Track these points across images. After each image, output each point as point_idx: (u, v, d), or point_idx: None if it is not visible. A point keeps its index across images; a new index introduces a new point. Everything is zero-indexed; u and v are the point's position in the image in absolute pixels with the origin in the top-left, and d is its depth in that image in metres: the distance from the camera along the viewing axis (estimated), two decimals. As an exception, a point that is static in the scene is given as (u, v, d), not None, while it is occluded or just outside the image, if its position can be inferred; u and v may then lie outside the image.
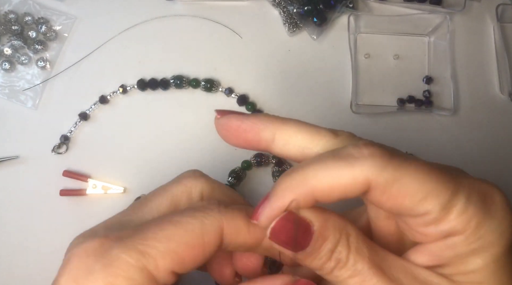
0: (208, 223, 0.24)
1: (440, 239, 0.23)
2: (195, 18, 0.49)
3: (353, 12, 0.49)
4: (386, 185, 0.22)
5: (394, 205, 0.22)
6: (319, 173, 0.22)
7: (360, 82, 0.48)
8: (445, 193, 0.22)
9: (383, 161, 0.22)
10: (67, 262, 0.24)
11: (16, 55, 0.47)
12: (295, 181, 0.23)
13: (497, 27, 0.49)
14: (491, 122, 0.48)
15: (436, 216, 0.22)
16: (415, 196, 0.22)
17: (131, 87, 0.47)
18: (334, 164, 0.22)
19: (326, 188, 0.22)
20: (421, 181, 0.22)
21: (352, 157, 0.22)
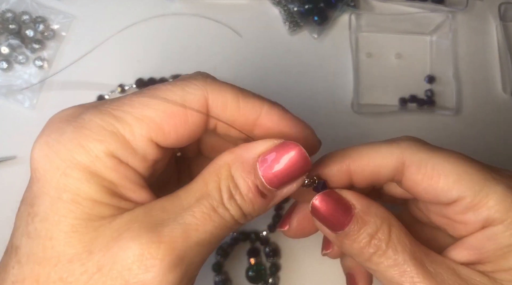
0: (190, 90, 0.23)
1: (479, 229, 0.23)
2: (194, 17, 0.49)
3: (355, 11, 0.48)
4: (420, 162, 0.23)
5: (429, 186, 0.23)
6: (358, 148, 0.25)
7: (362, 81, 0.48)
8: (479, 177, 0.23)
9: (418, 144, 0.24)
10: (42, 129, 0.24)
11: (14, 54, 0.47)
12: (333, 153, 0.26)
13: (500, 26, 0.48)
14: (494, 122, 0.48)
15: (472, 201, 0.23)
16: (449, 176, 0.23)
17: (129, 87, 0.47)
18: (374, 144, 0.25)
19: (363, 160, 0.24)
20: (455, 163, 0.23)
21: (392, 140, 0.25)
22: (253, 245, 0.44)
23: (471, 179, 0.23)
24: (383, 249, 0.23)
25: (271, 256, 0.43)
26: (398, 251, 0.23)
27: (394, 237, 0.23)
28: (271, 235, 0.45)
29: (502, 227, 0.22)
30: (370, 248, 0.23)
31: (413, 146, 0.24)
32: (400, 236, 0.24)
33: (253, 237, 0.44)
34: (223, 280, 0.43)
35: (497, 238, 0.22)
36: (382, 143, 0.25)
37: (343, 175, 0.25)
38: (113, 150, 0.21)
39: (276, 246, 0.44)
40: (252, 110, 0.24)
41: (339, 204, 0.24)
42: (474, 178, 0.23)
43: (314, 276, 0.44)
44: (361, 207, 0.24)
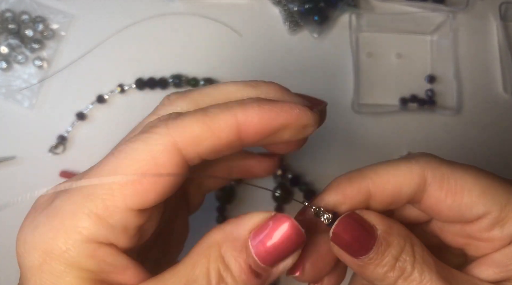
0: (155, 142, 0.20)
1: (505, 245, 0.22)
2: (194, 16, 0.48)
3: (355, 10, 0.48)
4: (442, 178, 0.22)
5: (453, 203, 0.22)
6: (377, 168, 0.23)
7: (362, 81, 0.48)
8: (503, 191, 0.22)
9: (437, 159, 0.23)
10: (22, 223, 0.23)
11: (13, 54, 0.47)
12: (351, 175, 0.24)
13: (501, 26, 0.48)
14: (495, 122, 0.48)
15: (498, 216, 0.22)
16: (473, 191, 0.22)
17: (129, 87, 0.46)
18: (391, 162, 0.24)
19: (383, 180, 0.23)
20: (476, 177, 0.22)
21: (410, 158, 0.24)
22: (253, 246, 0.44)
23: (496, 193, 0.22)
24: (408, 272, 0.22)
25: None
26: (425, 271, 0.22)
27: (419, 257, 0.22)
28: (271, 235, 0.45)
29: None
30: (395, 272, 0.22)
31: (432, 162, 0.23)
32: (424, 255, 0.22)
33: (253, 238, 0.44)
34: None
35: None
36: (399, 160, 0.24)
37: (362, 197, 0.23)
38: (88, 234, 0.20)
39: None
40: (227, 127, 0.21)
41: (361, 226, 0.22)
42: (498, 192, 0.22)
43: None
44: (383, 227, 0.22)
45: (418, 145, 0.47)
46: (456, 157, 0.47)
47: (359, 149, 0.47)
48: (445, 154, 0.47)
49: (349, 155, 0.46)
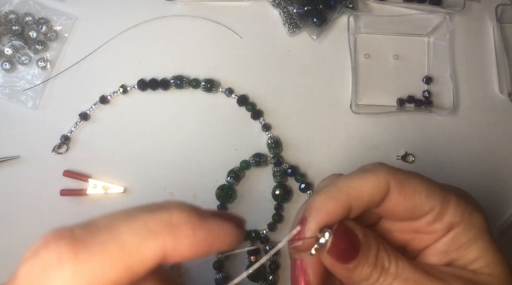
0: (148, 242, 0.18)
1: (444, 234, 0.27)
2: (195, 18, 0.49)
3: (353, 12, 0.49)
4: (401, 184, 0.26)
5: (408, 204, 0.26)
6: (349, 182, 0.26)
7: (360, 82, 0.48)
8: (440, 191, 0.26)
9: (393, 169, 0.27)
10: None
11: (17, 55, 0.47)
12: (330, 192, 0.26)
13: (497, 27, 0.49)
14: (491, 122, 0.48)
15: (438, 211, 0.26)
16: (422, 193, 0.26)
17: (131, 88, 0.47)
18: (359, 174, 0.26)
19: (359, 192, 0.25)
20: (422, 182, 0.26)
21: (370, 168, 0.27)
22: (254, 244, 0.45)
23: (436, 193, 0.26)
24: (386, 267, 0.25)
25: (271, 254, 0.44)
26: (398, 263, 0.25)
27: (391, 252, 0.26)
28: (271, 234, 0.45)
29: (461, 227, 0.26)
30: (378, 269, 0.25)
31: (391, 171, 0.26)
32: (393, 250, 0.26)
33: (253, 236, 0.45)
34: (224, 278, 0.43)
35: (459, 237, 0.26)
36: (364, 172, 0.26)
37: (346, 211, 0.26)
38: None
39: (276, 245, 0.45)
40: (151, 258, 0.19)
41: (349, 234, 0.25)
42: (437, 192, 0.26)
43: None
44: (362, 232, 0.25)
45: (415, 144, 0.47)
46: (452, 156, 0.47)
47: (357, 149, 0.47)
48: (441, 154, 0.48)
49: (348, 155, 0.47)
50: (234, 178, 0.45)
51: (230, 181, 0.45)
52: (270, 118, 0.47)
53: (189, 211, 0.20)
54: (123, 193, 0.45)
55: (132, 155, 0.46)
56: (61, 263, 0.17)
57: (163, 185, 0.46)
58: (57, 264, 0.17)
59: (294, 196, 0.46)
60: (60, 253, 0.17)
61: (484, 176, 0.47)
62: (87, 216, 0.50)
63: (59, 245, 0.18)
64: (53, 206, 0.45)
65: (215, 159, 0.46)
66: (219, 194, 0.45)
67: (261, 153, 0.46)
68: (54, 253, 0.17)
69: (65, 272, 0.17)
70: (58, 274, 0.17)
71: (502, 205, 0.47)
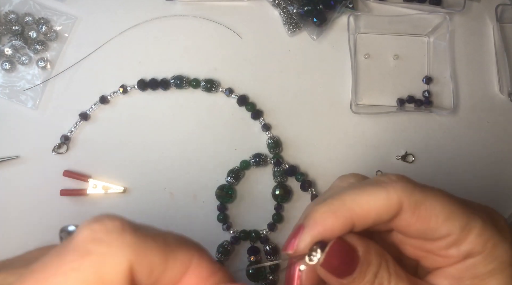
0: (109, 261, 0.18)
1: (460, 261, 0.24)
2: (195, 18, 0.49)
3: (353, 12, 0.49)
4: (415, 205, 0.23)
5: (421, 226, 0.24)
6: (357, 197, 0.24)
7: (360, 82, 0.48)
8: (463, 215, 0.24)
9: (411, 185, 0.24)
10: None
11: (17, 55, 0.47)
12: (334, 206, 0.24)
13: (497, 27, 0.49)
14: (491, 122, 0.48)
15: (457, 237, 0.24)
16: (439, 217, 0.24)
17: (131, 87, 0.47)
18: (370, 188, 0.24)
19: (364, 211, 0.24)
20: (443, 204, 0.24)
21: (384, 182, 0.24)
22: (253, 244, 0.45)
23: (457, 217, 0.24)
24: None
25: (271, 254, 0.44)
26: (398, 283, 0.24)
27: (393, 272, 0.24)
28: (271, 234, 0.45)
29: (481, 258, 0.24)
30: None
31: (407, 188, 0.24)
32: (396, 270, 0.24)
33: (253, 236, 0.45)
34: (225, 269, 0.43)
35: (476, 268, 0.24)
36: (376, 186, 0.24)
37: (347, 228, 0.24)
38: None
39: (276, 244, 0.45)
40: (180, 267, 0.20)
41: (347, 250, 0.24)
42: (459, 216, 0.24)
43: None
44: (363, 248, 0.24)
45: (415, 144, 0.47)
46: (452, 156, 0.47)
47: (357, 149, 0.47)
48: (442, 154, 0.48)
49: (348, 155, 0.47)
50: (234, 177, 0.45)
51: (230, 181, 0.45)
52: (270, 118, 0.47)
53: None
54: (123, 193, 0.45)
55: (132, 154, 0.46)
56: (123, 230, 0.18)
57: (163, 185, 0.46)
58: (120, 229, 0.18)
59: (294, 196, 0.46)
60: (123, 224, 0.19)
61: (484, 176, 0.47)
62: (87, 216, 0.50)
63: (122, 220, 0.19)
64: (53, 206, 0.45)
65: (215, 159, 0.46)
66: (219, 194, 0.45)
67: (261, 153, 0.46)
68: (118, 222, 0.19)
69: (126, 238, 0.18)
70: (120, 237, 0.18)
71: (502, 205, 0.47)
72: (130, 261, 0.18)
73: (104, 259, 0.17)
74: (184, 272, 0.20)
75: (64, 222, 0.47)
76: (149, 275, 0.19)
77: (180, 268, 0.20)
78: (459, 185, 0.47)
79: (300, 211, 0.46)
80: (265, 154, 0.46)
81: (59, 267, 0.17)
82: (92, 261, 0.17)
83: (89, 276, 0.17)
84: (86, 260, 0.17)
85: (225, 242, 0.44)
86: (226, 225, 0.45)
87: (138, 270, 0.18)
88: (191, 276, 0.20)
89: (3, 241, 0.45)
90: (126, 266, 0.18)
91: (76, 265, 0.17)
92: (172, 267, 0.19)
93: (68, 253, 0.17)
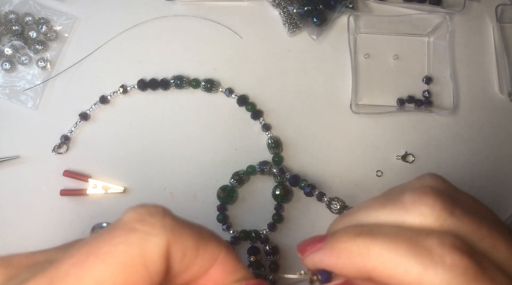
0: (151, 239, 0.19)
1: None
2: (195, 18, 0.49)
3: (353, 12, 0.49)
4: None
5: None
6: (385, 255, 0.20)
7: (360, 82, 0.48)
8: None
9: (465, 279, 0.19)
10: None
11: (17, 55, 0.47)
12: (357, 252, 0.21)
13: (497, 27, 0.49)
14: (491, 122, 0.48)
15: None
16: None
17: (131, 88, 0.47)
18: (407, 254, 0.20)
19: (387, 275, 0.20)
20: None
21: (431, 255, 0.19)
22: (253, 244, 0.45)
23: None
24: None
25: (271, 254, 0.44)
26: None
27: None
28: (271, 234, 0.45)
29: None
30: None
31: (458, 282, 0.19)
32: None
33: (253, 236, 0.45)
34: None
35: None
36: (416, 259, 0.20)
37: (361, 277, 0.22)
38: None
39: (276, 245, 0.45)
40: (209, 258, 0.21)
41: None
42: None
43: (313, 274, 0.44)
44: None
45: (415, 144, 0.47)
46: (452, 156, 0.47)
47: (357, 149, 0.47)
48: (442, 154, 0.48)
49: (348, 155, 0.47)
50: (237, 181, 0.45)
51: (233, 183, 0.45)
52: (270, 118, 0.47)
53: None
54: (123, 193, 0.45)
55: (132, 154, 0.46)
56: (165, 215, 0.20)
57: (163, 185, 0.46)
58: (162, 214, 0.20)
59: (294, 196, 0.46)
60: (164, 210, 0.20)
61: (484, 176, 0.47)
62: (87, 216, 0.50)
63: (164, 207, 0.21)
64: (53, 206, 0.45)
65: (215, 159, 0.46)
66: (220, 194, 0.45)
67: (268, 161, 0.45)
68: (160, 208, 0.20)
69: (167, 221, 0.20)
70: (161, 220, 0.20)
71: (502, 205, 0.47)
72: (168, 241, 0.19)
73: (148, 237, 0.19)
74: (212, 263, 0.21)
75: (64, 222, 0.48)
76: (181, 258, 0.20)
77: (209, 259, 0.21)
78: (459, 185, 0.47)
79: (300, 211, 0.46)
80: (271, 163, 0.45)
81: (108, 240, 0.19)
82: (137, 237, 0.19)
83: (134, 250, 0.18)
84: (132, 235, 0.19)
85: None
86: (226, 225, 0.45)
87: (174, 252, 0.20)
88: (217, 268, 0.21)
89: (3, 241, 0.45)
90: (165, 245, 0.19)
91: (123, 239, 0.19)
92: (203, 256, 0.21)
93: (116, 229, 0.19)
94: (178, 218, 0.21)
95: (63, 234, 0.44)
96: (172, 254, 0.20)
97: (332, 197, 0.30)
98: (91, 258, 0.18)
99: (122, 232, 0.19)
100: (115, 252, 0.18)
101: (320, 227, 0.44)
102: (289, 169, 0.46)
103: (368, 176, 0.47)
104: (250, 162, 0.46)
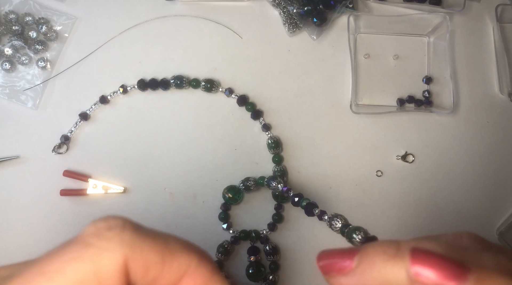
0: (105, 254, 0.18)
1: None
2: (195, 18, 0.49)
3: (353, 12, 0.49)
4: None
5: None
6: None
7: (360, 82, 0.48)
8: None
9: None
10: None
11: (17, 55, 0.47)
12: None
13: (497, 27, 0.49)
14: (491, 122, 0.48)
15: None
16: None
17: (131, 87, 0.47)
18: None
19: None
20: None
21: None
22: (254, 244, 0.45)
23: None
24: None
25: (271, 254, 0.44)
26: None
27: None
28: (271, 234, 0.45)
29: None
30: None
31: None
32: None
33: (253, 236, 0.45)
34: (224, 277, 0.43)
35: None
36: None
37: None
38: None
39: (276, 245, 0.45)
40: (177, 271, 0.20)
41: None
42: None
43: (312, 274, 0.44)
44: None
45: (415, 144, 0.47)
46: (452, 156, 0.47)
47: (357, 149, 0.47)
48: (441, 154, 0.48)
49: (348, 155, 0.47)
50: (245, 188, 0.44)
51: (241, 187, 0.45)
52: (270, 118, 0.47)
53: None
54: (123, 193, 0.45)
55: (132, 154, 0.46)
56: (124, 228, 0.19)
57: (163, 185, 0.46)
58: (121, 227, 0.19)
59: (294, 196, 0.46)
60: (125, 222, 0.20)
61: (484, 176, 0.47)
62: (87, 216, 0.50)
63: (125, 219, 0.20)
64: (53, 206, 0.45)
65: (215, 158, 0.46)
66: (226, 194, 0.44)
67: (277, 177, 0.42)
68: (120, 221, 0.20)
69: (126, 235, 0.19)
70: (119, 233, 0.19)
71: (502, 205, 0.47)
72: (126, 256, 0.18)
73: (102, 252, 0.18)
74: (182, 275, 0.20)
75: (64, 222, 0.48)
76: (144, 273, 0.19)
77: (177, 271, 0.20)
78: (459, 185, 0.47)
79: (301, 211, 0.46)
80: (279, 180, 0.42)
81: (60, 256, 0.18)
82: (91, 253, 0.18)
83: (86, 267, 0.18)
84: (85, 251, 0.18)
85: (225, 242, 0.44)
86: (226, 225, 0.45)
87: (133, 267, 0.19)
88: (188, 281, 0.20)
89: (3, 241, 0.45)
90: (121, 261, 0.18)
91: (76, 255, 0.18)
92: (169, 269, 0.20)
93: (71, 245, 0.19)
94: (141, 230, 0.20)
95: (63, 234, 0.44)
96: (132, 269, 0.19)
97: (334, 214, 0.30)
98: (39, 278, 0.17)
99: (76, 247, 0.18)
100: (66, 269, 0.17)
101: (320, 227, 0.44)
102: (294, 188, 0.46)
103: (368, 176, 0.47)
104: (250, 163, 0.46)
